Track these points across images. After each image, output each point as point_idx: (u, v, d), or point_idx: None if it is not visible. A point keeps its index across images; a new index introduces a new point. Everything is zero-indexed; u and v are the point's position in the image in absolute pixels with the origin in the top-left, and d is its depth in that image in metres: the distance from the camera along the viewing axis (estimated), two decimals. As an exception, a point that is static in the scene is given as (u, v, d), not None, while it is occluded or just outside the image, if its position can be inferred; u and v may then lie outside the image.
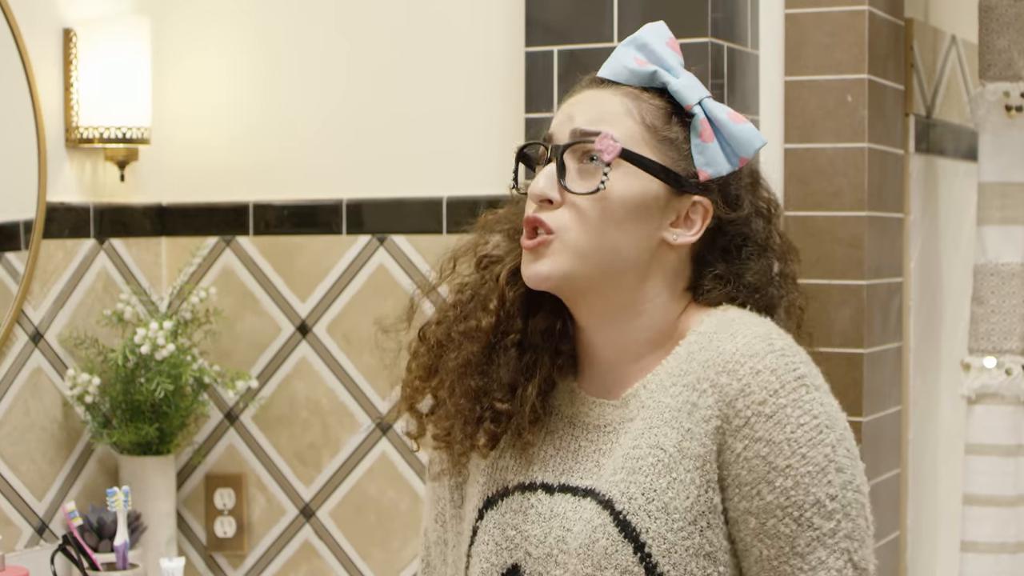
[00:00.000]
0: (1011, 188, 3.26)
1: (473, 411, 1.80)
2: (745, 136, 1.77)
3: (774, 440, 1.64)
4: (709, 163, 1.76)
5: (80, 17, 3.16)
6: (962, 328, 3.55)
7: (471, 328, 1.82)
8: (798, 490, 1.64)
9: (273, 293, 3.31)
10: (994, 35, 3.25)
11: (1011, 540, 3.22)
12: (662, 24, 1.86)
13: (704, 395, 1.67)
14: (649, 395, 1.73)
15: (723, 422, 1.66)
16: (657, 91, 1.78)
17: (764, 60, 3.11)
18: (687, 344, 1.73)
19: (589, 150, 1.73)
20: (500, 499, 1.80)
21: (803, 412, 1.65)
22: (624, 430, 1.74)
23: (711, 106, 1.77)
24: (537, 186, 1.73)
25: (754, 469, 1.64)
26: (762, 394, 1.65)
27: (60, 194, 3.13)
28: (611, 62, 1.80)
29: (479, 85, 3.15)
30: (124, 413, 3.14)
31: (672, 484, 1.66)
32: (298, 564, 3.31)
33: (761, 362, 1.66)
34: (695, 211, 1.77)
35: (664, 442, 1.68)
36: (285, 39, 3.32)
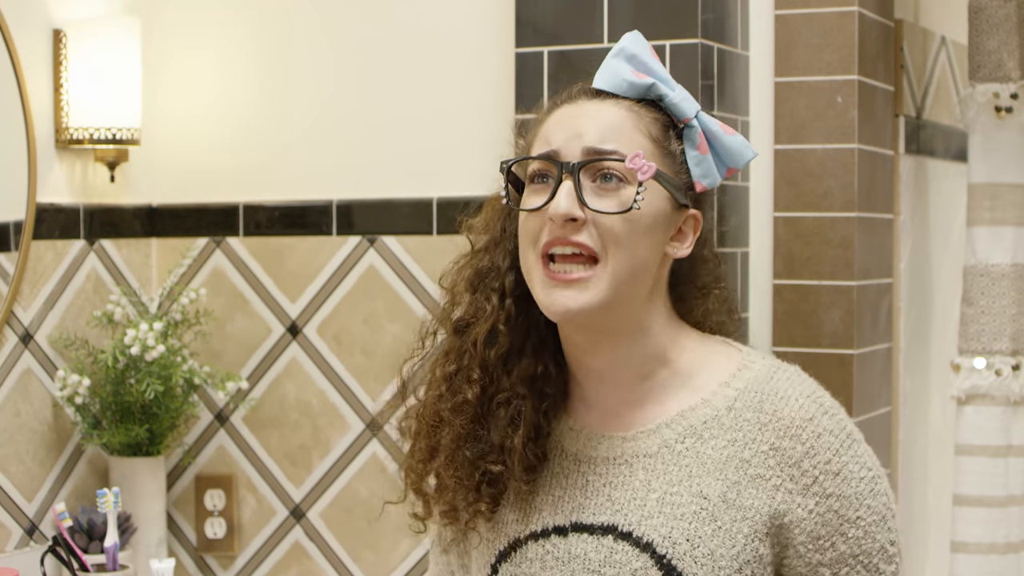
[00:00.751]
0: (1001, 189, 3.26)
1: (472, 479, 1.80)
2: (738, 148, 1.79)
3: (844, 495, 1.72)
4: (705, 175, 1.77)
5: (70, 18, 3.15)
6: (952, 329, 3.55)
7: (459, 403, 1.81)
8: (867, 539, 1.73)
9: (263, 294, 3.31)
10: (984, 36, 3.25)
11: (1001, 541, 3.22)
12: (638, 34, 1.83)
13: (761, 455, 1.72)
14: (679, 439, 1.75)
15: (787, 481, 1.72)
16: (651, 104, 1.77)
17: (754, 61, 3.11)
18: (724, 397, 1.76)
19: (604, 168, 1.72)
20: (513, 551, 1.79)
21: (861, 466, 1.74)
22: (642, 465, 1.75)
23: (705, 119, 1.78)
24: (561, 206, 1.70)
25: (828, 523, 1.72)
26: (827, 454, 1.73)
27: (50, 195, 3.13)
28: (607, 74, 1.78)
29: (469, 86, 3.15)
30: (114, 414, 3.14)
31: (717, 532, 1.70)
32: (288, 565, 3.31)
33: (820, 425, 1.74)
34: (687, 224, 1.79)
35: (708, 492, 1.71)
36: (275, 40, 3.32)
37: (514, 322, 1.80)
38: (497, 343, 1.80)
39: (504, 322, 1.80)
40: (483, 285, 1.83)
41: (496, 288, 1.82)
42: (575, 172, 1.71)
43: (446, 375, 1.83)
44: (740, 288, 3.07)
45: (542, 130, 1.78)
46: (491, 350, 1.80)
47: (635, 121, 1.74)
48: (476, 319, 1.82)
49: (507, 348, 1.80)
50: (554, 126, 1.76)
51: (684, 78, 2.87)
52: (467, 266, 1.86)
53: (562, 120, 1.76)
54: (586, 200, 1.70)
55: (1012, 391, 3.22)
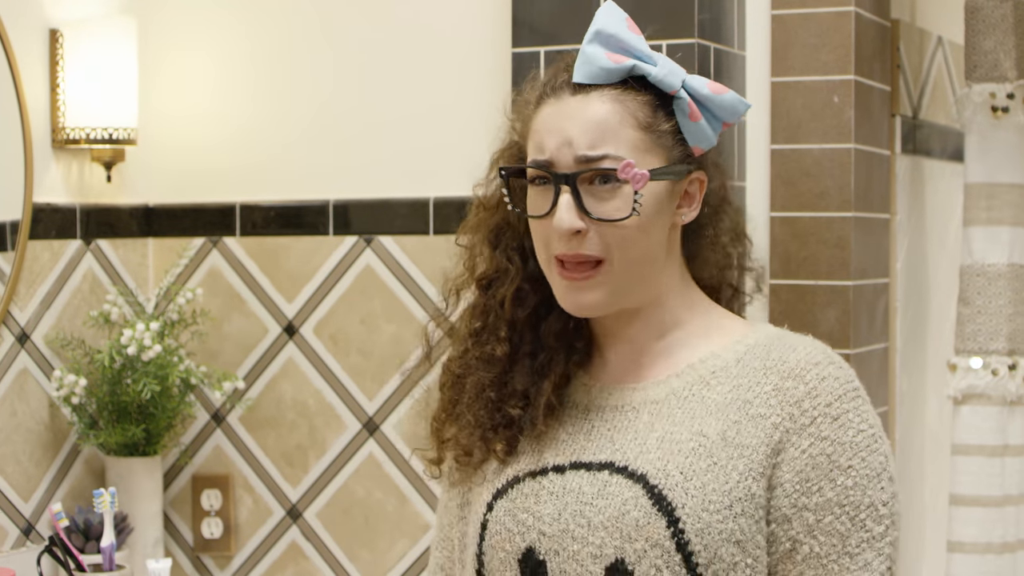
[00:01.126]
0: (997, 189, 3.26)
1: (491, 419, 1.83)
2: (731, 104, 1.79)
3: (839, 440, 1.72)
4: (700, 140, 1.78)
5: (66, 18, 3.15)
6: (948, 329, 3.55)
7: (487, 355, 1.85)
8: (856, 491, 1.71)
9: (260, 294, 3.30)
10: (980, 36, 3.26)
11: (997, 540, 3.22)
12: (612, 4, 1.82)
13: (763, 395, 1.74)
14: (686, 386, 1.77)
15: (785, 419, 1.72)
16: (636, 82, 1.76)
17: (750, 61, 3.12)
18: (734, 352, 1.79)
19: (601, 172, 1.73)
20: (510, 488, 1.80)
21: (862, 420, 1.74)
22: (648, 410, 1.77)
23: (693, 84, 1.77)
24: (563, 222, 1.72)
25: (819, 466, 1.71)
26: (828, 397, 1.73)
27: (46, 195, 3.13)
28: (584, 64, 1.76)
29: (466, 86, 3.15)
30: (111, 414, 3.14)
31: (712, 467, 1.70)
32: (285, 565, 3.31)
33: (825, 370, 1.75)
34: (693, 186, 1.80)
35: (707, 431, 1.73)
36: (272, 40, 3.32)
37: (538, 281, 1.83)
38: (525, 302, 1.84)
39: (528, 280, 1.84)
40: (502, 243, 1.86)
41: (515, 247, 1.85)
42: (572, 184, 1.72)
43: (473, 331, 1.86)
44: (737, 288, 3.06)
45: (533, 129, 1.78)
46: (519, 308, 1.84)
47: (621, 114, 1.74)
48: (500, 277, 1.85)
49: (534, 305, 1.84)
50: (543, 129, 1.76)
51: (681, 78, 2.87)
52: (482, 224, 1.88)
53: (550, 122, 1.76)
54: (588, 208, 1.72)
55: (1008, 391, 3.23)
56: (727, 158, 3.01)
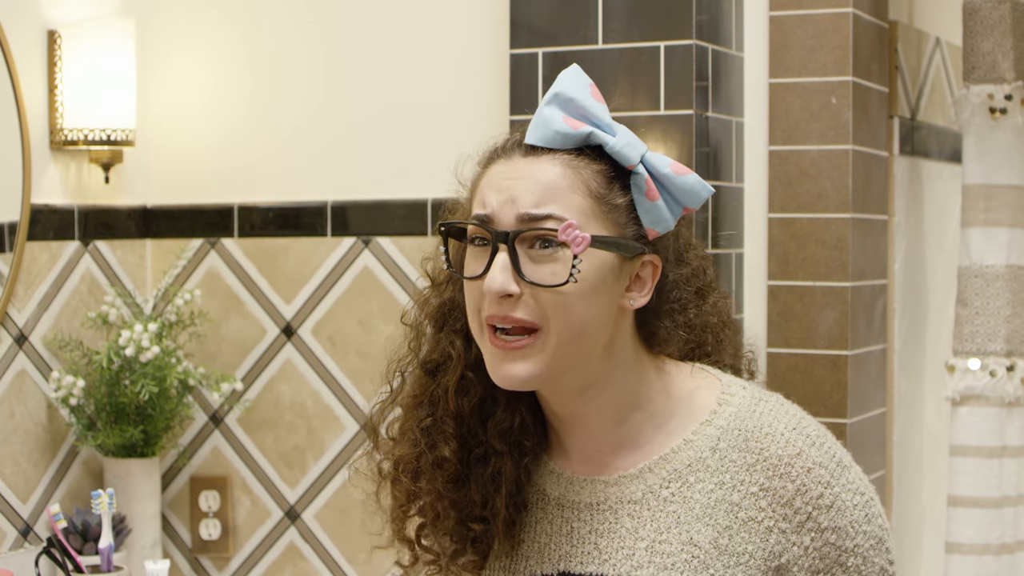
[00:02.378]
0: (995, 190, 3.26)
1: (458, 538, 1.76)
2: (691, 188, 1.69)
3: (839, 526, 1.69)
4: (656, 221, 1.68)
5: (64, 19, 3.15)
6: (946, 330, 3.56)
7: (438, 459, 1.75)
8: (867, 564, 1.70)
9: (258, 295, 3.30)
10: (978, 37, 3.26)
11: (995, 542, 3.22)
12: (577, 69, 1.72)
13: (751, 497, 1.68)
14: (662, 483, 1.70)
15: (779, 521, 1.68)
16: (593, 151, 1.67)
17: (748, 62, 3.12)
18: (706, 436, 1.71)
19: (542, 235, 1.63)
20: None
21: (853, 493, 1.71)
22: (627, 512, 1.71)
23: (652, 161, 1.68)
24: (495, 282, 1.62)
25: (826, 556, 1.69)
26: (818, 488, 1.69)
27: (44, 196, 3.13)
28: (539, 127, 1.67)
29: (464, 87, 3.15)
30: (109, 415, 3.14)
31: None
32: (283, 566, 3.31)
33: (808, 459, 1.69)
34: (644, 270, 1.70)
35: (698, 539, 1.67)
36: (270, 41, 3.32)
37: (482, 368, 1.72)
38: (469, 392, 1.74)
39: (473, 368, 1.74)
40: (447, 324, 1.77)
41: (459, 330, 1.76)
42: (510, 242, 1.63)
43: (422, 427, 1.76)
44: (735, 289, 3.07)
45: (479, 187, 1.70)
46: (464, 400, 1.74)
47: (573, 179, 1.65)
48: (444, 363, 1.76)
49: (480, 396, 1.74)
50: (488, 186, 1.68)
51: (679, 80, 2.87)
52: (427, 302, 1.80)
53: (496, 180, 1.67)
54: (523, 271, 1.63)
55: (1006, 392, 3.23)
56: (725, 159, 3.01)
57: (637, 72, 2.90)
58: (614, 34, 2.93)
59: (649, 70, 2.90)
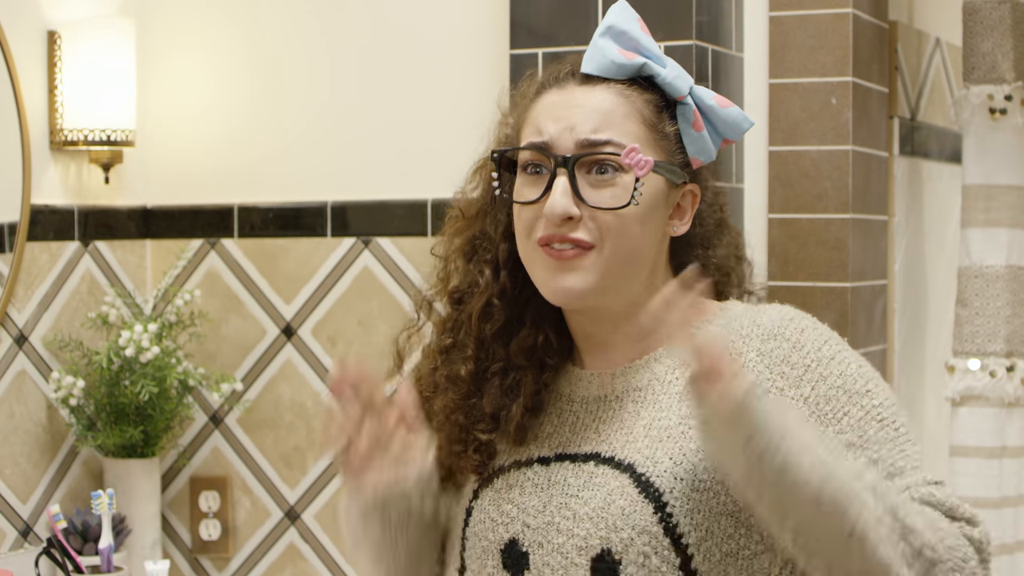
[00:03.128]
0: (995, 190, 3.27)
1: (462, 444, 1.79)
2: (734, 120, 1.77)
3: (845, 372, 1.69)
4: (700, 151, 1.76)
5: (64, 19, 3.15)
6: (946, 330, 3.56)
7: (453, 375, 1.80)
8: (883, 408, 1.68)
9: (258, 295, 3.30)
10: (978, 38, 3.26)
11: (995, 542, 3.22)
12: (625, 3, 1.80)
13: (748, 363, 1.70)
14: (668, 370, 1.74)
15: (777, 379, 1.69)
16: (644, 82, 1.74)
17: (748, 63, 3.12)
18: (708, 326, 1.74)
19: (601, 160, 1.70)
20: (495, 477, 1.78)
21: (853, 359, 1.71)
22: (632, 398, 1.75)
23: (699, 93, 1.75)
24: (557, 205, 1.68)
25: (833, 398, 1.68)
26: (815, 344, 1.71)
27: (44, 196, 3.13)
28: (595, 56, 1.74)
29: (464, 87, 3.15)
30: (109, 416, 3.14)
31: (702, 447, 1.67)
32: (283, 567, 3.31)
33: (802, 323, 1.73)
34: (686, 199, 1.77)
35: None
36: (270, 41, 3.32)
37: (510, 294, 1.79)
38: (492, 318, 1.79)
39: (499, 296, 1.79)
40: (476, 255, 1.82)
41: (489, 260, 1.80)
42: (570, 166, 1.69)
43: (442, 347, 1.82)
44: (735, 289, 3.07)
45: (531, 116, 1.75)
46: (486, 324, 1.79)
47: (627, 107, 1.71)
48: (471, 291, 1.81)
49: (503, 322, 1.79)
50: (544, 114, 1.73)
51: (679, 80, 2.87)
52: (458, 234, 1.84)
53: (552, 108, 1.73)
54: (583, 195, 1.68)
55: (1006, 392, 3.23)
56: (725, 159, 3.01)
57: (637, 72, 2.90)
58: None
59: (649, 70, 2.90)
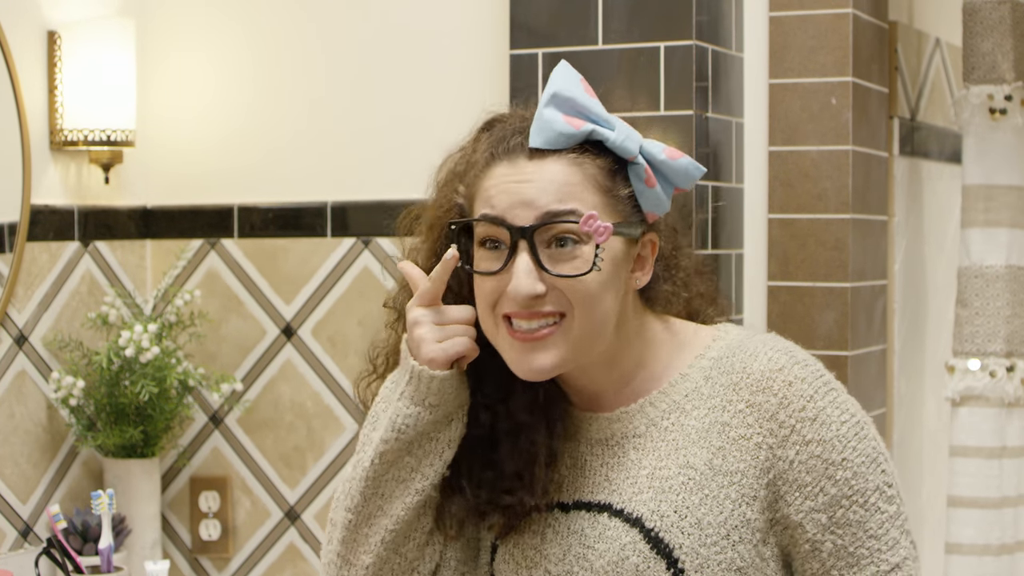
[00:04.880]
0: (995, 191, 3.27)
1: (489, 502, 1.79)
2: (685, 170, 1.74)
3: (825, 439, 1.69)
4: (656, 206, 1.73)
5: (64, 19, 3.15)
6: (946, 330, 3.56)
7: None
8: (858, 479, 1.69)
9: (258, 296, 3.30)
10: (978, 38, 3.26)
11: (995, 542, 3.22)
12: (566, 65, 1.75)
13: (739, 415, 1.71)
14: (662, 415, 1.75)
15: (767, 436, 1.70)
16: (593, 146, 1.71)
17: (748, 63, 3.12)
18: (700, 368, 1.75)
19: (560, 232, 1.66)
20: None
21: (841, 412, 1.71)
22: (632, 445, 1.75)
23: (650, 149, 1.72)
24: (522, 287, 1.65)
25: (813, 469, 1.69)
26: (800, 401, 1.70)
27: (44, 197, 3.13)
28: (542, 130, 1.70)
29: (464, 87, 3.15)
30: (109, 416, 3.14)
31: (705, 500, 1.69)
32: (283, 567, 3.31)
33: (791, 374, 1.71)
34: (646, 249, 1.75)
35: (694, 461, 1.71)
36: (270, 42, 3.32)
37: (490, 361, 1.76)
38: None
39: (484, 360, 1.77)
40: None
41: None
42: (529, 237, 1.66)
43: None
44: (734, 289, 3.07)
45: (483, 189, 1.73)
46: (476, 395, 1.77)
47: (581, 176, 1.69)
48: None
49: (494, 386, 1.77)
50: (496, 189, 1.70)
51: (678, 80, 2.87)
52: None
53: (504, 183, 1.70)
54: (546, 266, 1.66)
55: (1006, 392, 3.23)
56: (725, 159, 3.01)
57: (637, 72, 2.91)
58: (614, 35, 2.93)
59: (649, 70, 2.90)
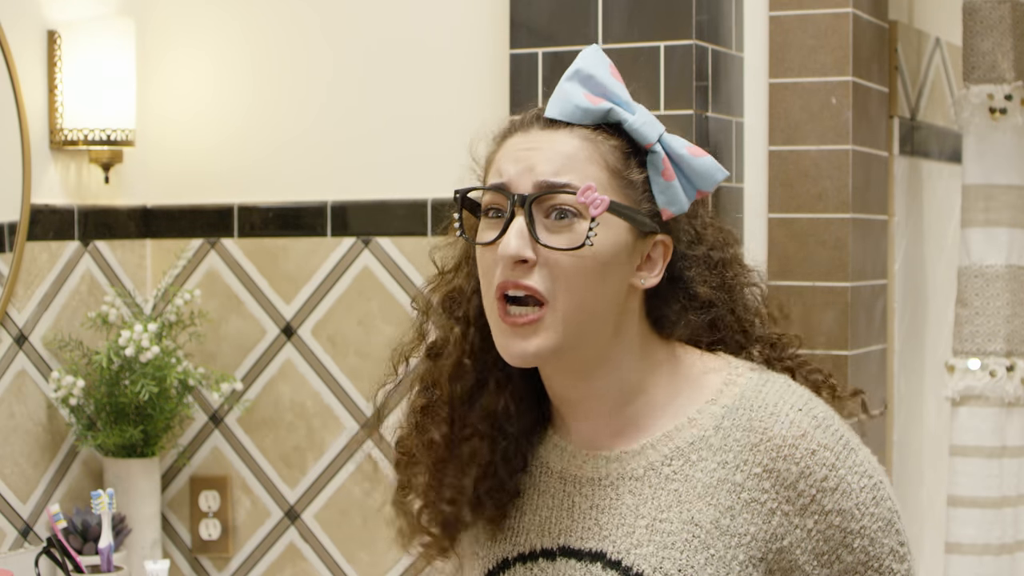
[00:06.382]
0: (995, 190, 3.27)
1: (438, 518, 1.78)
2: (707, 170, 1.69)
3: (844, 509, 1.67)
4: (671, 202, 1.68)
5: (64, 19, 3.15)
6: (946, 330, 3.56)
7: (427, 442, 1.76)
8: (875, 546, 1.69)
9: (258, 295, 3.31)
10: (978, 37, 3.26)
11: (995, 542, 3.22)
12: (598, 50, 1.72)
13: (754, 478, 1.66)
14: (665, 461, 1.69)
15: (783, 503, 1.66)
16: (611, 128, 1.67)
17: (748, 62, 3.12)
18: (710, 415, 1.70)
19: (558, 204, 1.63)
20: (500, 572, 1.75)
21: (860, 475, 1.69)
22: (628, 488, 1.70)
23: (670, 141, 1.68)
24: (510, 246, 1.62)
25: (831, 538, 1.67)
26: (822, 471, 1.67)
27: (44, 196, 3.13)
28: (560, 101, 1.68)
29: (464, 87, 3.15)
30: (109, 415, 3.14)
31: (711, 561, 1.64)
32: (283, 566, 3.31)
33: (813, 441, 1.67)
34: (656, 250, 1.70)
35: (699, 518, 1.66)
36: (270, 41, 3.32)
37: (478, 354, 1.74)
38: (463, 379, 1.74)
39: (470, 355, 1.74)
40: (451, 311, 1.77)
41: (461, 316, 1.76)
42: (527, 206, 1.63)
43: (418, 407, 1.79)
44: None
45: (495, 159, 1.71)
46: (457, 385, 1.74)
47: (590, 151, 1.65)
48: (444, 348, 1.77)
49: (472, 383, 1.74)
50: (506, 157, 1.68)
51: (678, 79, 2.87)
52: (437, 288, 1.80)
53: (514, 151, 1.68)
54: (538, 236, 1.62)
55: (1006, 392, 3.23)
56: (725, 159, 3.01)
57: (637, 72, 2.91)
58: (614, 34, 2.93)
59: (649, 70, 2.90)
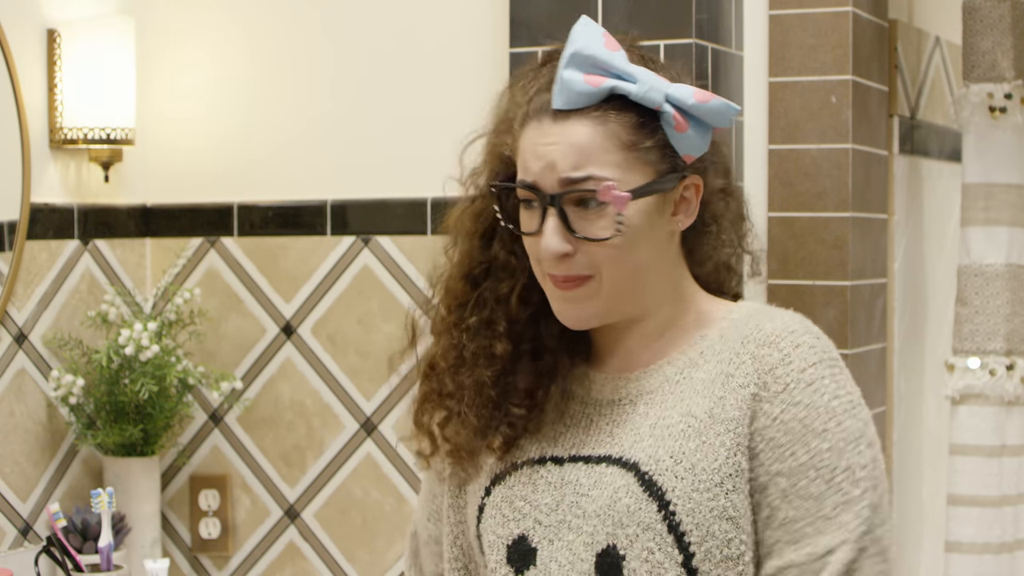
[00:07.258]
0: (995, 189, 3.27)
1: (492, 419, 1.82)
2: (719, 110, 1.74)
3: (813, 405, 1.70)
4: (690, 148, 1.74)
5: (64, 17, 3.15)
6: (946, 329, 3.56)
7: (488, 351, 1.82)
8: (832, 453, 1.69)
9: (258, 294, 3.30)
10: (978, 36, 3.26)
11: (995, 541, 3.22)
12: (588, 22, 1.79)
13: (742, 366, 1.73)
14: (677, 371, 1.77)
15: (760, 388, 1.71)
16: (617, 99, 1.73)
17: (748, 61, 3.12)
18: (719, 329, 1.78)
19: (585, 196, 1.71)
20: (508, 475, 1.81)
21: (839, 387, 1.72)
22: (644, 400, 1.77)
23: (678, 96, 1.72)
24: (550, 246, 1.71)
25: (790, 431, 1.70)
26: (802, 363, 1.71)
27: (44, 195, 3.13)
28: (563, 91, 1.73)
29: (464, 85, 3.15)
30: (108, 414, 3.14)
31: (701, 447, 1.70)
32: (283, 565, 3.31)
33: (801, 337, 1.73)
34: (688, 191, 1.78)
35: (695, 410, 1.72)
36: (270, 39, 3.32)
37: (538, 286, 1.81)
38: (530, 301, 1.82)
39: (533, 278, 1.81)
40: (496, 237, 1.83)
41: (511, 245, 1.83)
42: (557, 205, 1.71)
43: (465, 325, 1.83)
44: (734, 288, 3.07)
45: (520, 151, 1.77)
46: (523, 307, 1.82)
47: (603, 135, 1.71)
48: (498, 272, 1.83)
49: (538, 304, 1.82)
50: (527, 152, 1.75)
51: (678, 78, 2.87)
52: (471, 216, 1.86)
53: (533, 147, 1.74)
54: (574, 227, 1.72)
55: (1006, 391, 3.23)
56: (725, 158, 3.01)
57: (637, 71, 2.90)
58: (614, 32, 2.92)
59: (649, 69, 2.90)
